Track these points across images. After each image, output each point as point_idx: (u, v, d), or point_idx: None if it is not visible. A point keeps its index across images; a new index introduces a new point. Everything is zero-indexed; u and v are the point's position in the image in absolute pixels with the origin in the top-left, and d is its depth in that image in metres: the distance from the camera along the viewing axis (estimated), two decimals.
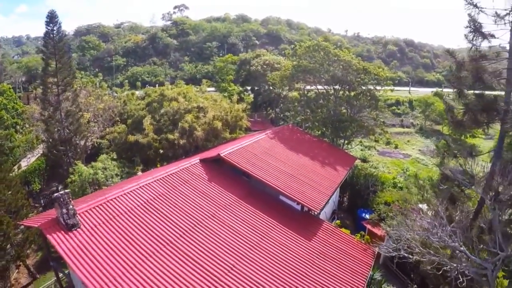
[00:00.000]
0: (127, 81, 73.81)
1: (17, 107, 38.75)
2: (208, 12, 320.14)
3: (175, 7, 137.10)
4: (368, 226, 21.72)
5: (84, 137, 30.27)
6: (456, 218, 11.18)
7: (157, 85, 64.16)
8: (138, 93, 44.05)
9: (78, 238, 12.55)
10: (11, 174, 20.89)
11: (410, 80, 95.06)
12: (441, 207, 10.62)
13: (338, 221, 20.88)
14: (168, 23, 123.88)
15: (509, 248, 9.68)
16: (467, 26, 13.11)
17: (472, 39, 13.67)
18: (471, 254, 9.60)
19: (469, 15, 13.98)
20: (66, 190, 12.97)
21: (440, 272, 11.91)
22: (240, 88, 53.08)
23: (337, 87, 31.37)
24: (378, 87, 31.48)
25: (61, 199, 12.55)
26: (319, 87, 33.45)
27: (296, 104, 35.33)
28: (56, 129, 27.99)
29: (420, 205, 13.64)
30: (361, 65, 30.28)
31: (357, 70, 29.63)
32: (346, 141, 32.65)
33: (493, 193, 10.29)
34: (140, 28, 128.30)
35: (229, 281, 12.59)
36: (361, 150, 35.84)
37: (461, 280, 9.70)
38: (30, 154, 31.85)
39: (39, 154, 32.59)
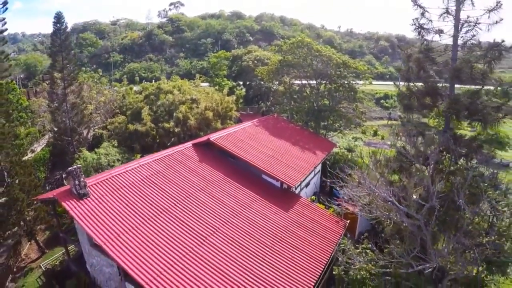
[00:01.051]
0: (125, 76, 75.78)
1: (21, 101, 40.97)
2: (203, 9, 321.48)
3: (170, 4, 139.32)
4: (343, 204, 24.27)
5: (87, 127, 32.67)
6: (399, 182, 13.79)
7: (153, 80, 66.24)
8: (135, 88, 46.27)
9: (88, 205, 15.02)
10: (23, 158, 23.22)
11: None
12: (373, 164, 13.30)
13: (313, 197, 23.39)
14: (164, 20, 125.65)
15: (433, 201, 12.27)
16: (412, 24, 15.51)
17: (419, 34, 16.15)
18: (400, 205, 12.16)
19: (422, 13, 16.48)
20: (78, 165, 15.34)
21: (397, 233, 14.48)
22: (233, 83, 55.09)
23: (319, 80, 33.71)
24: (357, 80, 33.79)
25: (74, 172, 14.96)
26: (303, 80, 35.84)
27: (284, 96, 37.68)
28: (62, 120, 30.41)
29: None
30: (341, 60, 32.53)
31: (337, 64, 31.91)
32: (327, 131, 35.01)
33: (424, 159, 12.93)
34: (136, 25, 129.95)
35: (214, 240, 15.19)
36: (341, 137, 38.21)
37: (390, 225, 12.32)
38: (37, 144, 34.11)
39: (43, 145, 34.85)
